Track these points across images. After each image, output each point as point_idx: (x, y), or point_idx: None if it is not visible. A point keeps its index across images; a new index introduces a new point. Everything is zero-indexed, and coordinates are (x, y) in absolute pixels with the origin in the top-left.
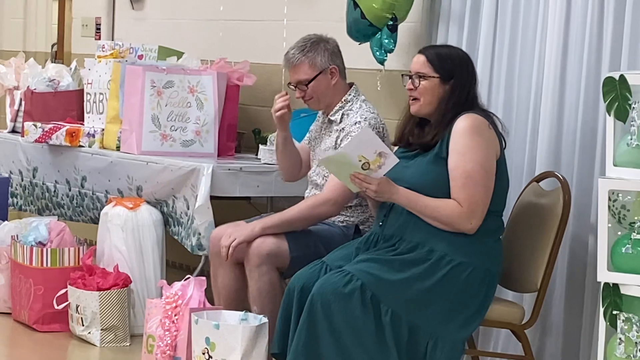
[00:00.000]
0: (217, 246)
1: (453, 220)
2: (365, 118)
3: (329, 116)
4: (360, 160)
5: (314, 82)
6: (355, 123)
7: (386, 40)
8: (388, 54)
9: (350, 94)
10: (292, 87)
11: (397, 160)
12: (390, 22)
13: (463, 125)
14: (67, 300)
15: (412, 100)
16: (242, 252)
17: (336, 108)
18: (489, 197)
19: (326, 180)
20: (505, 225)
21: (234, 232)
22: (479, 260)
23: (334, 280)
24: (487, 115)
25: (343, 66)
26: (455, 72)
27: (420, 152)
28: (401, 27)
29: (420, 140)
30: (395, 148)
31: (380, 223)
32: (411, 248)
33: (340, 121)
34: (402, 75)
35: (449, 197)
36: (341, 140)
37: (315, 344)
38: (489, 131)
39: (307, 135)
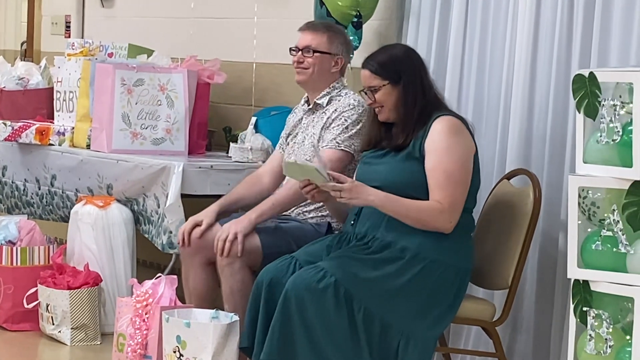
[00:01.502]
0: (190, 247)
1: (434, 220)
2: (359, 102)
3: (315, 100)
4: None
5: (320, 55)
6: (349, 105)
7: (351, 38)
8: (354, 52)
9: (338, 82)
10: (293, 52)
11: None
12: (355, 19)
13: (440, 126)
14: (37, 299)
15: (378, 110)
16: (213, 251)
17: (323, 93)
18: (465, 197)
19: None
20: (475, 223)
21: (230, 226)
22: (451, 258)
23: (307, 275)
24: (459, 116)
25: (346, 64)
26: (401, 71)
27: (390, 151)
28: (370, 25)
29: (391, 142)
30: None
31: (352, 222)
32: (384, 246)
33: (328, 104)
34: (359, 92)
35: (422, 196)
36: (332, 121)
37: (289, 339)
38: (465, 130)
39: (280, 142)
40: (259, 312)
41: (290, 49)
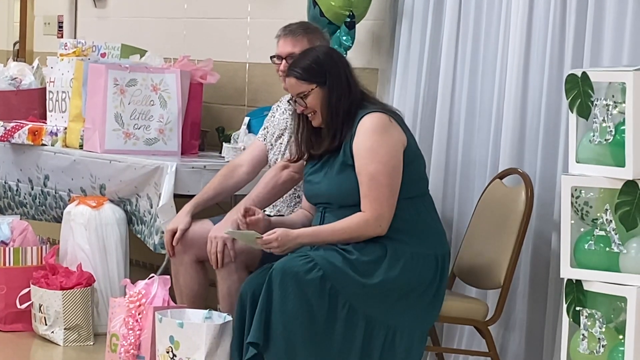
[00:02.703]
0: (178, 245)
1: (362, 232)
2: None
3: None
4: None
5: None
6: None
7: (344, 38)
8: (347, 52)
9: None
10: (277, 61)
11: None
12: (348, 19)
13: (364, 128)
14: (30, 300)
15: (311, 116)
16: (200, 249)
17: None
18: (395, 196)
19: None
20: (435, 204)
21: (216, 235)
22: (429, 247)
23: (296, 264)
24: (386, 109)
25: None
26: (325, 71)
27: (326, 161)
28: (363, 25)
29: (321, 148)
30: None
31: None
32: (363, 245)
33: None
34: (288, 101)
35: None
36: None
37: (268, 322)
38: (390, 125)
39: (262, 132)
40: (245, 324)
41: (272, 58)
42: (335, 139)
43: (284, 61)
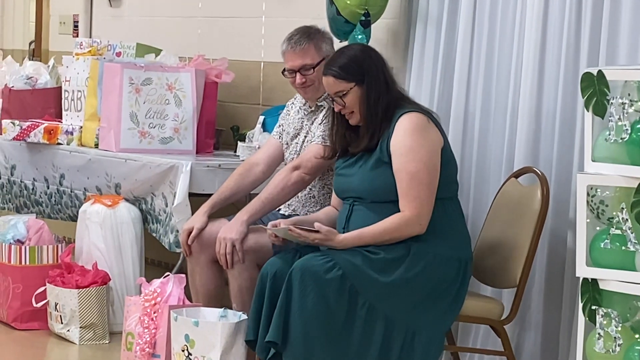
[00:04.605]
0: (194, 244)
1: (403, 231)
2: None
3: (317, 102)
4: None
5: (319, 67)
6: None
7: (359, 37)
8: None
9: None
10: (289, 75)
11: None
12: (363, 18)
13: (404, 126)
14: (46, 298)
15: (349, 115)
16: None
17: (324, 95)
18: (434, 195)
19: None
20: (461, 205)
21: (225, 236)
22: (452, 250)
23: (316, 263)
24: (423, 109)
25: None
26: (364, 70)
27: (360, 156)
28: (379, 24)
29: (359, 145)
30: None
31: (343, 228)
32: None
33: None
34: (325, 99)
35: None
36: (325, 117)
37: (287, 321)
38: (429, 126)
39: (277, 129)
40: (264, 304)
41: (284, 73)
42: (374, 138)
43: (297, 74)
